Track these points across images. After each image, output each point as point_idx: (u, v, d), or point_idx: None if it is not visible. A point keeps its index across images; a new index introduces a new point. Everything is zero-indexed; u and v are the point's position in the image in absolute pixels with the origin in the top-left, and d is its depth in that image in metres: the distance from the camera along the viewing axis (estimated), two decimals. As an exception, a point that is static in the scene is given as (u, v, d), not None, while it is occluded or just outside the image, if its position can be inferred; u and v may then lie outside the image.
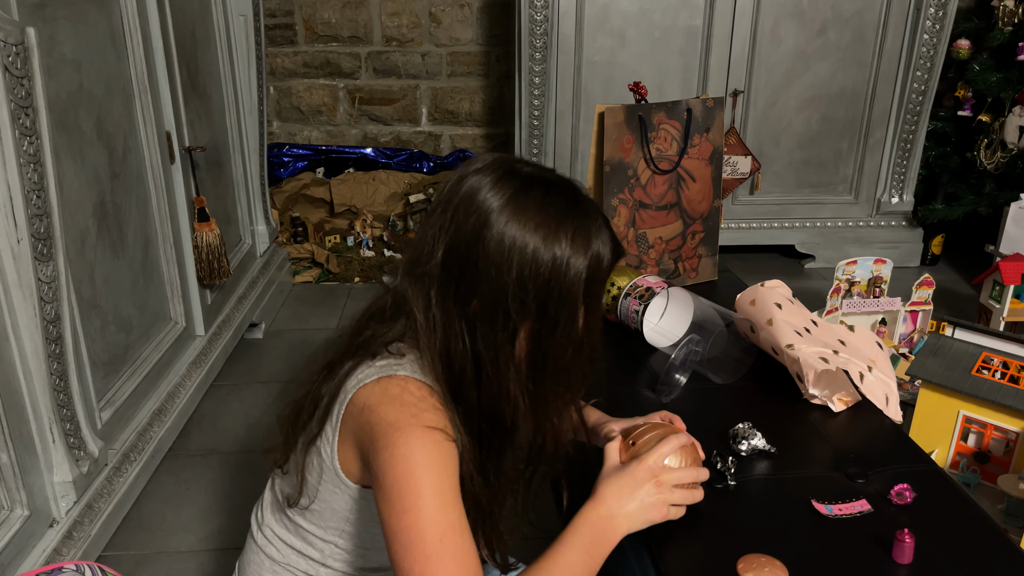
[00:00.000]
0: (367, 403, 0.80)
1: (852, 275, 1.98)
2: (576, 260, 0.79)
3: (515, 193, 0.80)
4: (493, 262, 0.78)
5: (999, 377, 1.46)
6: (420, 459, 0.75)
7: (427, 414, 0.78)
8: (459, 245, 0.80)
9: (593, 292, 0.83)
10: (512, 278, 0.78)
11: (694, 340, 1.22)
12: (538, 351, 0.82)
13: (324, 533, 0.89)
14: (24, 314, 1.27)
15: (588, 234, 0.80)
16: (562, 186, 0.83)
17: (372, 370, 0.81)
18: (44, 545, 1.34)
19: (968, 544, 0.88)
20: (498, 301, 0.79)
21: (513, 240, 0.78)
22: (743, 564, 0.83)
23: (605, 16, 2.74)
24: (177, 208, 1.93)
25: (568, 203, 0.81)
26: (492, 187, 0.80)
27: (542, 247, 0.78)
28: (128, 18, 1.68)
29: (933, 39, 2.81)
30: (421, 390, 0.80)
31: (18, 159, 1.22)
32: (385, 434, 0.76)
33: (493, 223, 0.78)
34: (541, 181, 0.82)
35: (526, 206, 0.79)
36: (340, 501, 0.86)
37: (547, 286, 0.79)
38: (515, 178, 0.81)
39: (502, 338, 0.80)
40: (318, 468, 0.86)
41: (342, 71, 3.36)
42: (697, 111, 1.58)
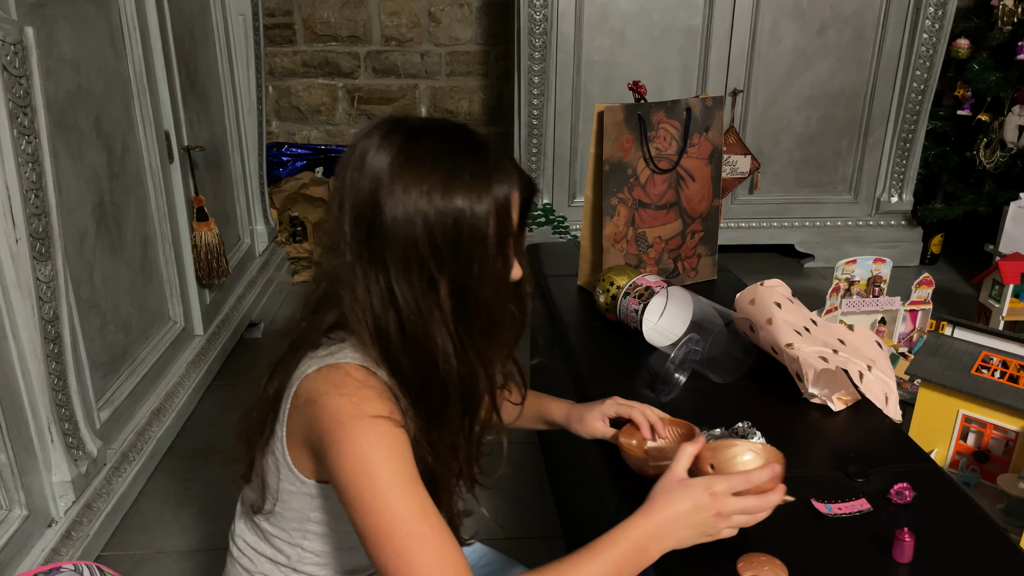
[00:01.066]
0: (310, 395, 0.79)
1: (851, 274, 1.98)
2: (479, 205, 0.77)
3: (402, 147, 0.78)
4: (396, 221, 0.77)
5: (998, 376, 1.46)
6: (370, 454, 0.74)
7: (370, 402, 0.76)
8: (361, 212, 0.79)
9: (505, 231, 0.80)
10: (418, 233, 0.77)
11: (693, 339, 1.21)
12: (460, 299, 0.80)
13: (290, 536, 0.89)
14: (23, 314, 1.27)
15: (486, 176, 0.78)
16: (452, 131, 0.82)
17: (313, 361, 0.81)
18: (43, 545, 1.34)
19: (968, 543, 0.88)
20: (409, 258, 0.78)
21: (411, 193, 0.77)
22: (743, 563, 0.83)
23: (604, 15, 2.74)
24: (176, 208, 1.93)
25: (461, 148, 0.80)
26: (379, 146, 0.79)
27: (440, 198, 0.76)
28: (127, 18, 1.68)
29: (932, 38, 2.81)
30: (361, 374, 0.78)
31: (16, 158, 1.21)
32: (331, 430, 0.75)
33: (386, 182, 0.77)
34: (429, 131, 0.80)
35: (416, 159, 0.77)
36: (299, 500, 0.86)
37: (454, 235, 0.77)
38: (400, 133, 0.79)
39: (421, 292, 0.79)
40: (275, 469, 0.86)
41: (341, 71, 3.36)
42: (696, 110, 1.58)
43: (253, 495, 0.90)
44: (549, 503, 1.69)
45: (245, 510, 0.94)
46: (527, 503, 1.68)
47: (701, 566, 0.85)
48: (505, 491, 1.70)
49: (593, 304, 1.50)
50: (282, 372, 0.84)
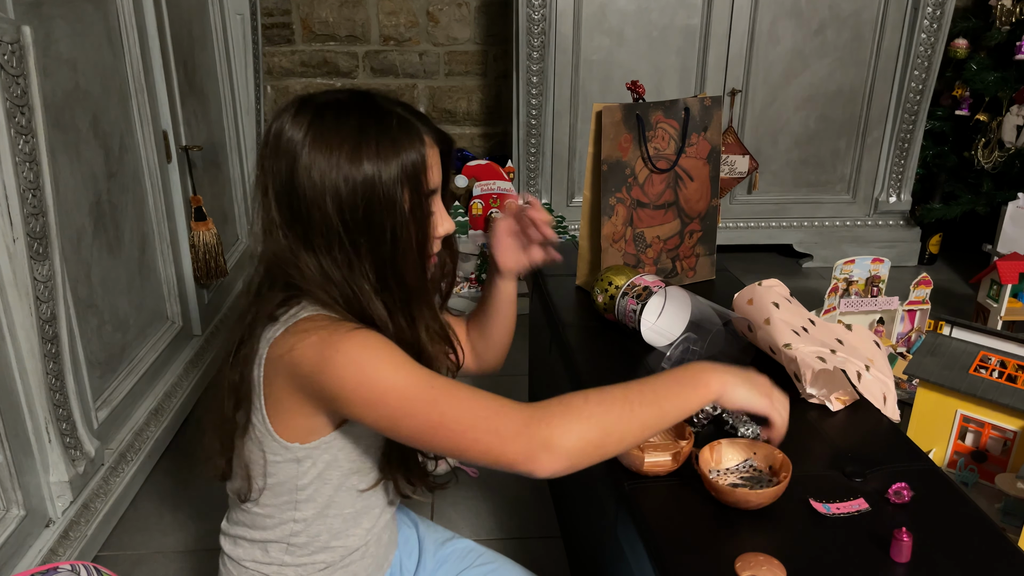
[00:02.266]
0: (284, 348, 0.81)
1: (850, 274, 1.98)
2: (386, 172, 0.80)
3: (311, 121, 0.80)
4: (311, 200, 0.79)
5: (997, 376, 1.46)
6: (364, 353, 0.77)
7: (345, 325, 0.80)
8: (281, 195, 0.81)
9: (419, 194, 0.83)
10: (331, 209, 0.79)
11: (691, 339, 1.21)
12: (382, 268, 0.83)
13: (280, 511, 0.90)
14: (20, 313, 1.27)
15: (392, 142, 0.80)
16: (357, 101, 0.83)
17: (275, 327, 0.83)
18: (40, 545, 1.34)
19: (966, 543, 0.88)
20: (330, 234, 0.80)
21: (321, 169, 0.79)
22: (741, 563, 0.83)
23: (603, 15, 2.74)
24: (174, 207, 1.92)
25: (365, 116, 0.81)
26: (291, 124, 0.81)
27: (349, 168, 0.79)
28: (124, 17, 1.68)
29: (931, 38, 2.82)
30: (324, 318, 0.81)
31: (14, 158, 1.21)
32: (319, 356, 0.77)
33: (299, 157, 0.80)
34: (335, 104, 0.82)
35: (324, 132, 0.80)
36: (286, 470, 0.87)
37: (366, 206, 0.80)
38: (309, 108, 0.82)
39: (346, 265, 0.82)
40: (258, 448, 0.87)
41: (339, 70, 3.36)
42: (695, 110, 1.58)
43: (239, 483, 0.91)
44: (547, 503, 1.69)
45: (232, 502, 0.95)
46: (525, 503, 1.68)
47: (701, 566, 0.85)
48: (504, 491, 1.70)
49: (591, 304, 1.49)
50: (244, 353, 0.85)
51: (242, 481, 0.90)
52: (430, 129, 0.85)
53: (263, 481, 0.88)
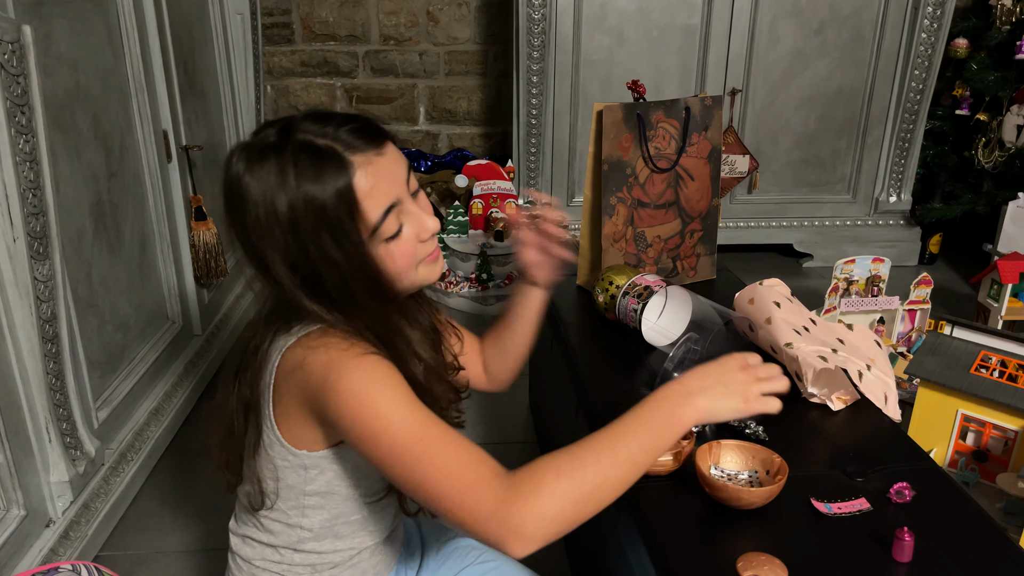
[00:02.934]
0: (296, 361, 0.80)
1: (850, 274, 1.98)
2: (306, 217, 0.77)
3: (246, 167, 0.79)
4: (262, 238, 0.79)
5: (997, 376, 1.46)
6: (367, 383, 0.76)
7: (357, 347, 0.79)
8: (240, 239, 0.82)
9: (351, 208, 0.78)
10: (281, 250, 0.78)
11: (692, 339, 1.21)
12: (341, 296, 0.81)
13: (287, 517, 0.90)
14: (20, 313, 1.27)
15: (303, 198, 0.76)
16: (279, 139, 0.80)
17: (288, 337, 0.82)
18: (41, 545, 1.34)
19: (967, 542, 0.88)
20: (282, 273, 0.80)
21: (261, 215, 0.78)
22: (743, 562, 0.83)
23: (603, 15, 2.74)
24: (174, 207, 1.92)
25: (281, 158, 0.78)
26: (234, 164, 0.80)
27: (279, 213, 0.77)
28: (125, 16, 1.68)
29: (931, 38, 2.81)
30: (339, 333, 0.81)
31: (14, 157, 1.21)
32: (325, 377, 0.77)
33: (244, 203, 0.79)
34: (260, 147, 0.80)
35: (253, 178, 0.78)
36: (293, 476, 0.87)
37: (303, 246, 0.78)
38: (244, 152, 0.80)
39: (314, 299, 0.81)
40: (268, 453, 0.87)
41: (339, 70, 3.36)
42: (695, 109, 1.58)
43: (251, 492, 0.91)
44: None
45: (243, 505, 0.94)
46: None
47: (700, 566, 0.85)
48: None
49: (592, 303, 1.49)
50: (255, 364, 0.85)
51: (254, 489, 0.90)
52: (362, 141, 0.79)
53: (274, 485, 0.88)
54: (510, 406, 2.02)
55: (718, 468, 0.98)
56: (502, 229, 2.74)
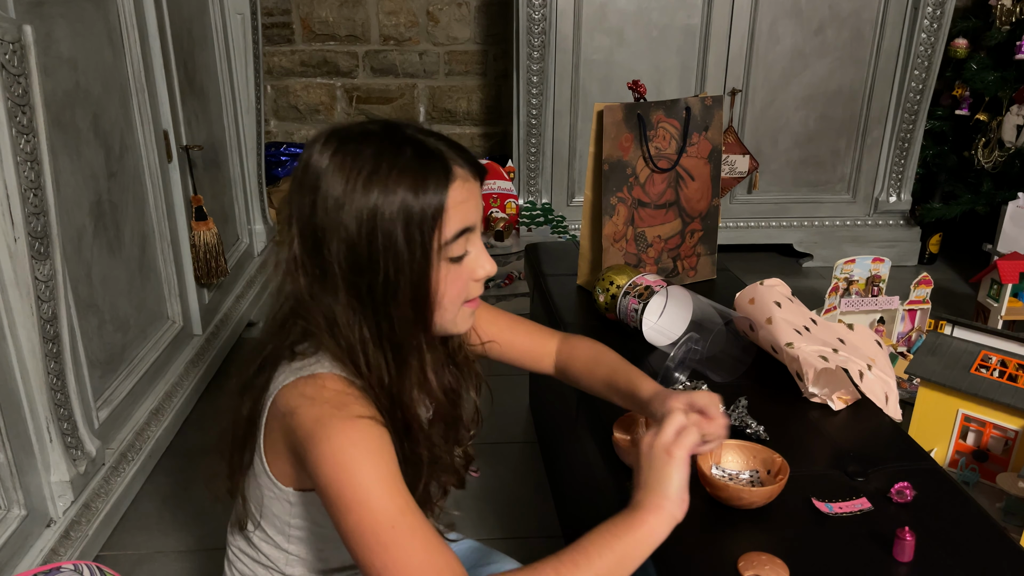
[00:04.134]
0: (288, 407, 0.78)
1: (850, 274, 1.98)
2: (389, 205, 0.75)
3: (334, 151, 0.77)
4: (325, 230, 0.76)
5: (998, 375, 1.46)
6: (351, 451, 0.72)
7: (350, 406, 0.75)
8: (304, 226, 0.78)
9: (429, 231, 0.77)
10: (342, 243, 0.76)
11: (693, 338, 1.21)
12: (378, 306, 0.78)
13: (274, 540, 0.89)
14: (21, 313, 1.27)
15: (402, 172, 0.75)
16: (383, 130, 0.79)
17: (287, 373, 0.80)
18: (41, 545, 1.34)
19: (968, 542, 0.88)
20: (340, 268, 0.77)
21: (335, 201, 0.75)
22: (744, 562, 0.83)
23: (603, 15, 2.74)
24: (174, 207, 1.92)
25: (383, 146, 0.77)
26: (317, 154, 0.78)
27: (357, 202, 0.75)
28: (125, 16, 1.68)
29: (931, 38, 2.82)
30: (338, 383, 0.78)
31: (15, 157, 1.21)
32: (312, 433, 0.74)
33: (319, 188, 0.76)
34: (360, 134, 0.78)
35: (342, 162, 0.76)
36: (278, 507, 0.86)
37: (370, 240, 0.75)
38: (335, 138, 0.78)
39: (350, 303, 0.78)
40: (256, 482, 0.86)
41: (339, 70, 3.36)
42: (696, 109, 1.58)
43: (239, 511, 0.91)
44: (549, 502, 1.69)
45: (234, 519, 0.95)
46: (527, 502, 1.68)
47: (701, 566, 0.85)
48: (505, 491, 1.70)
49: (592, 303, 1.49)
50: (255, 390, 0.83)
51: (242, 508, 0.90)
52: (464, 159, 0.79)
53: (260, 512, 0.88)
54: (510, 406, 2.02)
55: (719, 468, 0.99)
56: (502, 229, 2.74)
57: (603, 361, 1.04)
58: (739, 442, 1.00)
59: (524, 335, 1.07)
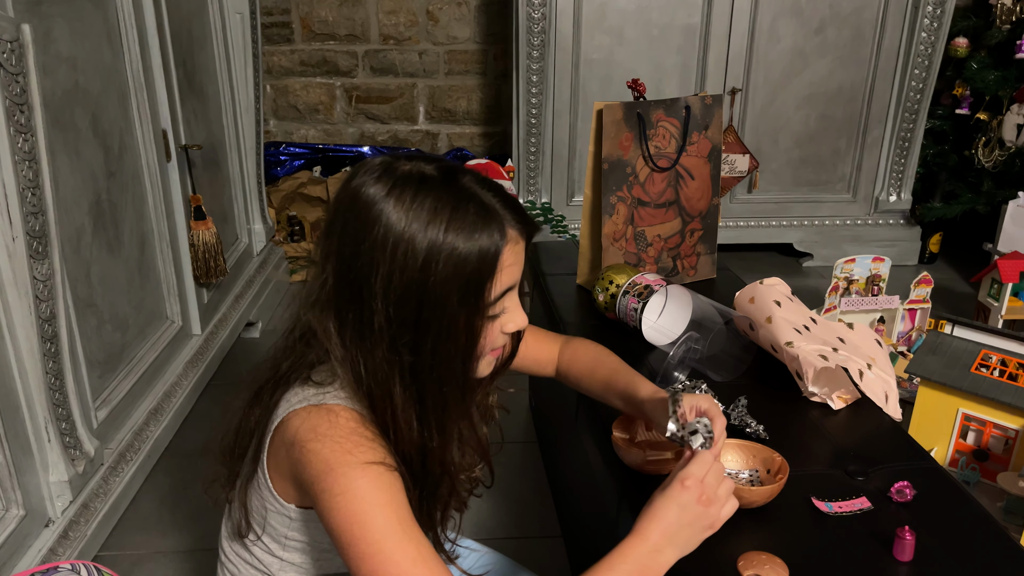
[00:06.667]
0: (296, 437, 0.76)
1: (850, 273, 1.98)
2: (445, 268, 0.72)
3: (389, 192, 0.74)
4: (368, 276, 0.74)
5: (998, 375, 1.46)
6: (363, 503, 0.72)
7: (361, 449, 0.74)
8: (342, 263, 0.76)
9: (482, 296, 0.75)
10: (384, 294, 0.73)
11: (693, 338, 1.21)
12: (422, 369, 0.76)
13: (269, 548, 0.89)
14: (19, 312, 1.27)
15: (461, 233, 0.73)
16: (441, 178, 0.76)
17: (300, 396, 0.79)
18: (40, 545, 1.34)
19: (968, 541, 0.88)
20: (377, 318, 0.74)
21: (382, 246, 0.73)
22: (743, 561, 0.82)
23: (603, 14, 2.74)
24: (173, 206, 1.92)
25: (442, 198, 0.74)
26: (372, 187, 0.75)
27: (407, 254, 0.72)
28: (124, 15, 1.67)
29: (931, 37, 2.81)
30: (351, 420, 0.76)
31: (13, 156, 1.21)
32: (321, 477, 0.73)
33: (370, 228, 0.73)
34: (418, 177, 0.75)
35: (397, 207, 0.73)
36: (276, 519, 0.85)
37: (420, 298, 0.73)
38: (391, 175, 0.75)
39: (385, 358, 0.76)
40: (256, 492, 0.86)
41: (339, 69, 3.36)
42: (696, 108, 1.58)
43: (236, 520, 0.90)
44: (548, 502, 1.69)
45: (230, 523, 0.94)
46: (527, 503, 1.68)
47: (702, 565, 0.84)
48: (505, 491, 1.70)
49: (592, 303, 1.49)
50: (265, 402, 0.82)
51: (240, 518, 0.89)
52: (517, 219, 0.77)
53: (260, 520, 0.87)
54: (510, 406, 2.00)
55: None
56: None
57: (604, 363, 1.05)
58: (739, 441, 1.00)
59: (531, 343, 1.08)
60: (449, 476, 0.83)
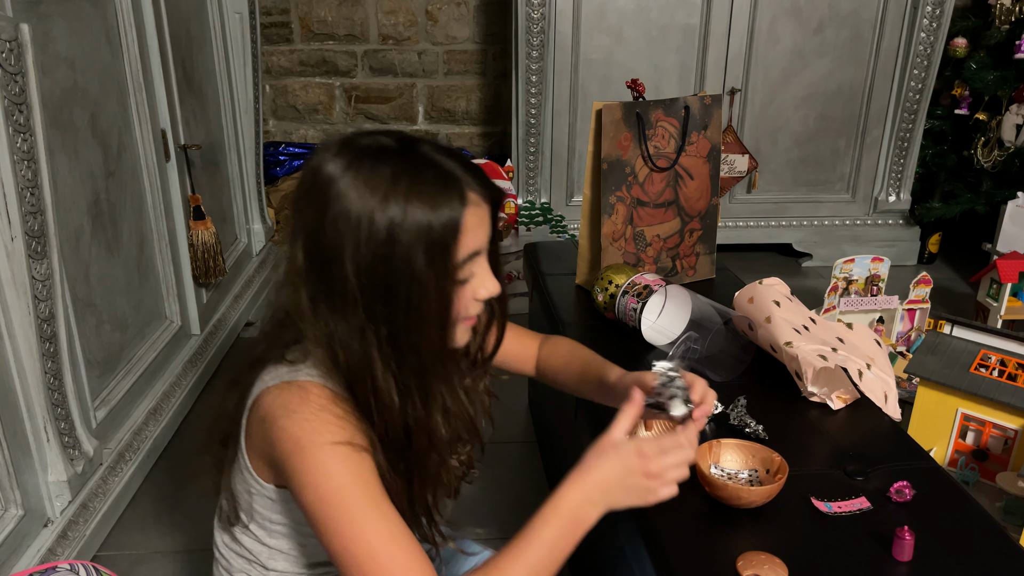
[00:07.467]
0: (268, 413, 0.78)
1: (849, 273, 1.98)
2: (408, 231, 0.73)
3: (348, 164, 0.75)
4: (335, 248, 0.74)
5: (997, 375, 1.46)
6: (333, 481, 0.73)
7: (330, 428, 0.75)
8: (309, 239, 0.77)
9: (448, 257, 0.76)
10: (352, 264, 0.74)
11: (692, 338, 1.21)
12: (398, 331, 0.77)
13: (257, 535, 0.89)
14: (18, 312, 1.27)
15: (422, 197, 0.74)
16: (400, 148, 0.77)
17: (273, 374, 0.80)
18: (39, 545, 1.33)
19: (968, 541, 0.88)
20: (348, 289, 0.75)
21: (346, 220, 0.74)
22: (743, 561, 0.82)
23: (602, 14, 2.74)
24: (172, 206, 1.92)
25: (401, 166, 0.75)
26: (330, 164, 0.76)
27: (371, 223, 0.73)
28: (123, 15, 1.67)
29: (930, 37, 2.81)
30: (322, 397, 0.77)
31: (12, 156, 1.21)
32: (292, 455, 0.74)
33: (330, 203, 0.74)
34: (376, 149, 0.77)
35: (357, 179, 0.74)
36: (260, 502, 0.86)
37: (386, 264, 0.74)
38: (350, 150, 0.76)
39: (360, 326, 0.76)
40: (240, 478, 0.86)
41: (338, 69, 3.35)
42: (695, 108, 1.57)
43: (225, 506, 0.91)
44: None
45: (221, 514, 0.94)
46: (526, 503, 1.68)
47: (701, 565, 0.84)
48: (504, 490, 1.70)
49: (591, 303, 1.49)
50: (241, 386, 0.83)
51: (229, 507, 0.90)
52: (479, 183, 0.78)
53: (246, 506, 0.88)
54: (510, 406, 2.02)
55: (718, 467, 0.98)
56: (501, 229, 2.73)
57: (577, 356, 1.06)
58: (738, 441, 1.00)
59: (512, 339, 1.08)
60: (437, 451, 0.83)
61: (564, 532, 0.76)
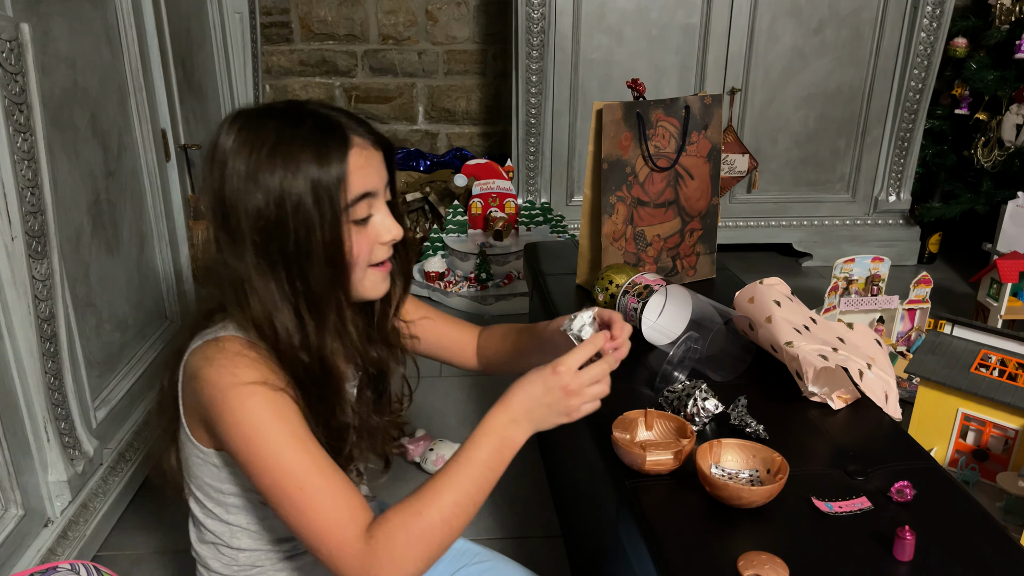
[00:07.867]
0: (192, 370, 0.82)
1: (850, 273, 1.98)
2: (294, 175, 0.79)
3: (239, 128, 0.81)
4: (234, 202, 0.80)
5: (997, 374, 1.46)
6: (254, 419, 0.77)
7: (244, 370, 0.79)
8: (214, 201, 0.82)
9: (335, 197, 0.80)
10: (250, 212, 0.79)
11: (692, 338, 1.21)
12: (291, 267, 0.81)
13: (215, 513, 0.91)
14: (18, 312, 1.26)
15: (304, 143, 0.80)
16: (285, 108, 0.83)
17: (198, 338, 0.84)
18: (39, 545, 1.33)
19: (968, 541, 0.88)
20: (248, 235, 0.80)
21: (240, 175, 0.79)
22: (743, 561, 0.82)
23: (602, 14, 2.74)
24: (172, 206, 1.92)
25: (284, 121, 0.81)
26: (224, 134, 0.82)
27: (261, 173, 0.79)
28: (123, 15, 1.67)
29: (930, 37, 2.81)
30: (237, 344, 0.81)
31: (12, 156, 1.21)
32: (214, 401, 0.78)
33: (226, 165, 0.80)
34: (263, 112, 0.83)
35: (247, 138, 0.80)
36: (206, 472, 0.88)
37: (278, 207, 0.79)
38: (241, 117, 0.82)
39: (261, 268, 0.81)
40: (185, 449, 0.89)
41: (338, 69, 3.35)
42: (695, 108, 1.57)
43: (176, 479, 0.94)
44: (548, 502, 1.68)
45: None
46: (525, 502, 1.68)
47: (701, 565, 0.84)
48: (503, 490, 1.70)
49: (592, 303, 1.49)
50: (173, 359, 0.87)
51: (177, 476, 0.93)
52: (364, 129, 0.84)
53: (191, 478, 0.91)
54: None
55: (719, 467, 0.98)
56: (501, 228, 2.73)
57: (511, 330, 1.10)
58: (738, 441, 1.00)
59: (451, 324, 1.12)
60: (333, 380, 0.86)
61: (493, 452, 0.82)
